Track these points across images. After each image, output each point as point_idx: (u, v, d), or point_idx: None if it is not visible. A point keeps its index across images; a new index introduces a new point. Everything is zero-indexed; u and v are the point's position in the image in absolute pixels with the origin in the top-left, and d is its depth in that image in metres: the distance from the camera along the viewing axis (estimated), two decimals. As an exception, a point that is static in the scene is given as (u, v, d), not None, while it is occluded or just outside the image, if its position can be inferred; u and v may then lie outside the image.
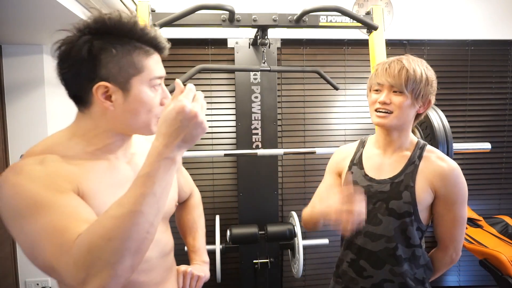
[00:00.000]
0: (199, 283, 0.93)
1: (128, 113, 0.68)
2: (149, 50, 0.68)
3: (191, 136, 0.59)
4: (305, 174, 2.37)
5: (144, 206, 0.55)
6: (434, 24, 2.33)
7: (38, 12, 1.41)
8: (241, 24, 1.61)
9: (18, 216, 0.58)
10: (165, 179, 0.57)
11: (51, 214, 0.57)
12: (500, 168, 2.50)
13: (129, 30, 0.65)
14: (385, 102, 0.97)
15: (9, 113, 1.94)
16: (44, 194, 0.58)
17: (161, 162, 0.57)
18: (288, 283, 2.37)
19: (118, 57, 0.65)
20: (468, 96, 2.45)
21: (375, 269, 1.03)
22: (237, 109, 2.16)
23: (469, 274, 2.50)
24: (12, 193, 0.58)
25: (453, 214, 1.00)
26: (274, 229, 1.90)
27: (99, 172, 0.69)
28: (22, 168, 0.61)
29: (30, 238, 0.57)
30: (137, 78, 0.67)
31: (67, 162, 0.65)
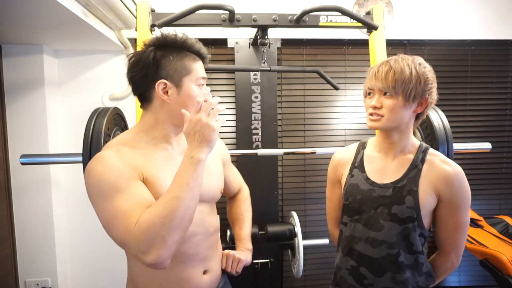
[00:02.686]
0: (240, 265, 1.09)
1: (180, 104, 0.87)
2: (195, 57, 0.91)
3: (203, 136, 0.78)
4: (305, 174, 2.37)
5: (182, 192, 0.75)
6: (434, 24, 2.32)
7: (38, 12, 1.41)
8: (241, 24, 1.61)
9: (99, 197, 0.78)
10: (194, 173, 0.77)
11: (123, 198, 0.76)
12: (501, 168, 2.50)
13: (182, 43, 0.89)
14: (376, 106, 0.97)
15: (9, 113, 1.94)
16: (119, 181, 0.78)
17: (188, 160, 0.78)
18: (288, 283, 2.37)
19: (174, 62, 0.87)
20: (468, 96, 2.45)
21: (376, 277, 1.00)
22: (237, 109, 2.16)
23: (469, 274, 2.50)
24: (97, 179, 0.78)
25: (456, 219, 0.98)
26: (274, 229, 1.90)
27: (159, 161, 0.88)
28: (103, 159, 0.81)
29: (107, 215, 0.77)
30: (187, 78, 0.88)
31: (135, 153, 0.85)
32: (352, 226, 1.06)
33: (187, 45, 0.90)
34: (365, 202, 1.03)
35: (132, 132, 0.92)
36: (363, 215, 1.03)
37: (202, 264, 0.96)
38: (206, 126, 0.78)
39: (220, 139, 1.13)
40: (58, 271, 2.02)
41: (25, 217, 1.99)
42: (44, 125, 1.97)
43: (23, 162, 1.49)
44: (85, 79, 2.13)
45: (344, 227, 1.09)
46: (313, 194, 2.38)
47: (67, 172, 2.12)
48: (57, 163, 1.72)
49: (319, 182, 2.37)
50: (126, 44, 2.07)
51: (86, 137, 1.33)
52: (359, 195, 1.04)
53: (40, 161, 1.56)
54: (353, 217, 1.06)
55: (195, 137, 0.78)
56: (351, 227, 1.06)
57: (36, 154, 1.58)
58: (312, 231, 2.39)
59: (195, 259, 0.94)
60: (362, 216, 1.03)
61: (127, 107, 2.06)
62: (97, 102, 2.13)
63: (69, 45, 2.01)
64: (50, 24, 1.59)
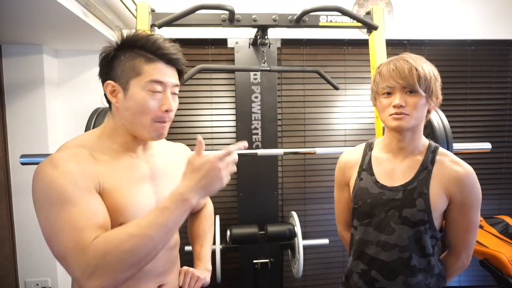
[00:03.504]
0: (198, 283, 0.97)
1: (127, 110, 0.79)
2: (151, 58, 0.78)
3: (209, 186, 0.71)
4: (305, 174, 2.37)
5: (156, 232, 0.67)
6: (434, 24, 2.32)
7: (38, 12, 1.41)
8: (241, 24, 1.61)
9: (46, 204, 0.69)
10: (178, 216, 0.69)
11: (74, 211, 0.68)
12: (501, 168, 2.50)
13: (139, 40, 0.78)
14: (401, 105, 0.92)
15: (9, 113, 1.94)
16: (72, 191, 0.69)
17: (179, 201, 0.69)
18: (288, 283, 2.37)
19: (123, 62, 0.78)
20: (468, 96, 2.45)
21: (388, 280, 0.98)
22: (237, 109, 2.16)
23: (469, 274, 2.50)
24: (47, 184, 0.69)
25: (467, 219, 0.96)
26: (274, 229, 1.90)
27: (120, 169, 0.80)
28: (58, 162, 0.72)
29: (52, 226, 0.68)
30: (135, 80, 0.77)
31: (94, 159, 0.77)
32: (362, 230, 1.04)
33: (144, 45, 0.78)
34: (375, 205, 1.01)
35: (95, 134, 0.83)
36: (374, 219, 1.01)
37: (157, 279, 0.87)
38: (220, 180, 0.71)
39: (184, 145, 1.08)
40: (58, 271, 2.02)
41: (25, 217, 1.99)
42: (44, 125, 1.97)
43: (23, 162, 1.49)
44: (85, 79, 2.13)
45: (355, 231, 1.08)
46: (313, 194, 2.38)
47: (67, 172, 2.12)
48: (57, 163, 1.72)
49: (319, 182, 2.37)
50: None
51: (86, 137, 1.33)
52: (369, 199, 1.02)
53: (40, 161, 1.55)
54: (363, 220, 1.04)
55: (200, 179, 0.70)
56: (362, 231, 1.04)
57: (36, 154, 1.58)
58: (312, 231, 2.39)
59: (151, 274, 0.85)
60: (373, 219, 1.01)
61: (127, 107, 2.06)
62: (97, 102, 2.13)
63: (69, 45, 2.01)
64: (50, 24, 1.60)
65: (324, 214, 2.39)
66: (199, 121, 2.27)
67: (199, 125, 2.27)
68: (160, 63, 0.79)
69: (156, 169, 0.88)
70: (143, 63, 0.77)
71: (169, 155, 0.96)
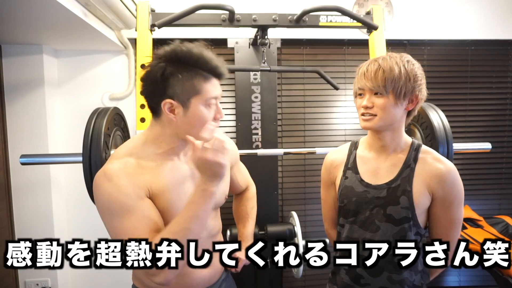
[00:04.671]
0: (240, 263, 1.06)
1: (187, 124, 0.87)
2: (208, 76, 0.85)
3: (212, 171, 0.80)
4: (305, 174, 2.37)
5: (191, 224, 0.79)
6: (434, 24, 2.32)
7: (38, 12, 1.41)
8: (241, 24, 1.61)
9: (109, 215, 0.82)
10: (204, 205, 0.80)
11: (132, 219, 0.80)
12: (501, 168, 2.50)
13: (195, 60, 0.83)
14: (367, 106, 0.96)
15: (9, 113, 1.94)
16: (127, 202, 0.81)
17: (200, 193, 0.81)
18: (288, 283, 2.37)
19: (182, 81, 0.83)
20: (468, 96, 2.45)
21: (373, 277, 1.00)
22: (237, 109, 2.16)
23: (469, 274, 2.50)
24: (106, 198, 0.81)
25: (449, 216, 0.99)
26: (274, 229, 1.90)
27: (165, 174, 0.89)
28: (112, 175, 0.83)
29: (116, 232, 0.81)
30: (196, 98, 0.85)
31: (142, 168, 0.87)
32: (348, 228, 1.06)
33: (201, 63, 0.84)
34: (360, 203, 1.03)
35: (140, 140, 0.92)
36: (359, 217, 1.03)
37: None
38: (215, 164, 0.79)
39: (230, 139, 1.13)
40: (58, 271, 2.02)
41: (25, 217, 1.99)
42: (44, 125, 1.97)
43: (23, 162, 1.49)
44: (85, 79, 2.13)
45: (342, 229, 1.10)
46: (313, 194, 2.37)
47: (67, 172, 2.12)
48: (57, 163, 1.73)
49: (319, 182, 2.35)
50: (126, 44, 2.07)
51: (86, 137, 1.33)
52: (354, 197, 1.04)
53: (40, 161, 1.56)
54: (349, 218, 1.06)
55: (206, 172, 0.80)
56: (348, 229, 1.06)
57: (36, 154, 1.58)
58: (312, 231, 2.39)
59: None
60: (358, 217, 1.04)
61: (127, 107, 2.06)
62: (97, 102, 2.13)
63: (69, 45, 2.01)
64: (50, 24, 1.59)
65: (324, 214, 2.39)
66: (199, 121, 2.27)
67: (199, 125, 2.27)
68: (214, 79, 0.87)
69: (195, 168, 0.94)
70: (202, 82, 0.84)
71: None
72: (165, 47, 0.85)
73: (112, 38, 1.92)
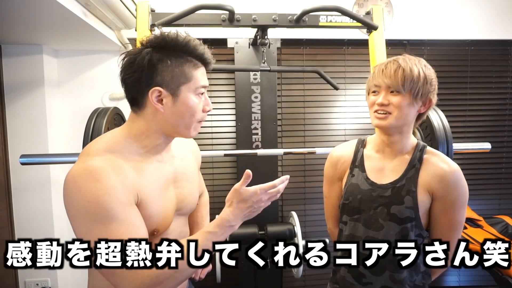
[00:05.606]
0: (204, 271, 1.06)
1: (175, 115, 0.79)
2: (197, 63, 0.81)
3: (252, 214, 0.80)
4: (305, 174, 2.37)
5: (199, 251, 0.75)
6: (434, 24, 2.32)
7: (38, 12, 1.41)
8: (241, 24, 1.61)
9: (90, 220, 0.70)
10: (222, 239, 0.78)
11: (119, 228, 0.71)
12: (500, 168, 2.50)
13: (183, 46, 0.78)
14: (383, 104, 0.96)
15: (9, 113, 1.94)
16: (116, 208, 0.71)
17: (226, 227, 0.78)
18: (288, 283, 2.37)
19: (172, 67, 0.77)
20: (468, 96, 2.45)
21: (375, 276, 1.01)
22: (237, 109, 2.16)
23: (469, 274, 2.50)
24: (93, 200, 0.69)
25: (449, 217, 0.98)
26: (274, 229, 1.90)
27: (152, 178, 0.81)
28: (100, 175, 0.71)
29: (94, 239, 0.70)
30: (186, 86, 0.79)
31: (129, 168, 0.77)
32: (352, 225, 1.06)
33: (189, 48, 0.79)
34: (364, 201, 1.03)
35: (121, 136, 0.81)
36: (363, 215, 1.04)
37: None
38: (259, 209, 0.79)
39: (195, 142, 1.08)
40: (58, 271, 2.02)
41: (25, 217, 1.99)
42: (44, 125, 1.97)
43: (23, 162, 1.49)
44: (85, 79, 2.13)
45: (344, 226, 1.10)
46: (313, 194, 2.37)
47: (67, 172, 2.11)
48: (57, 163, 1.72)
49: (319, 182, 2.36)
50: (126, 44, 2.07)
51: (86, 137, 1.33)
52: (359, 195, 1.04)
53: (40, 161, 1.56)
54: (353, 216, 1.06)
55: (246, 209, 0.79)
56: (351, 226, 1.07)
57: (36, 154, 1.58)
58: (312, 231, 2.39)
59: None
60: (362, 215, 1.04)
61: (127, 107, 2.04)
62: (97, 102, 2.13)
63: (69, 45, 2.01)
64: (50, 24, 1.59)
65: (324, 214, 2.38)
66: (199, 121, 2.27)
67: (199, 125, 2.27)
68: (203, 68, 0.83)
69: (177, 171, 0.91)
70: (191, 69, 0.79)
71: (184, 154, 0.98)
72: (149, 35, 0.81)
73: (112, 38, 1.92)
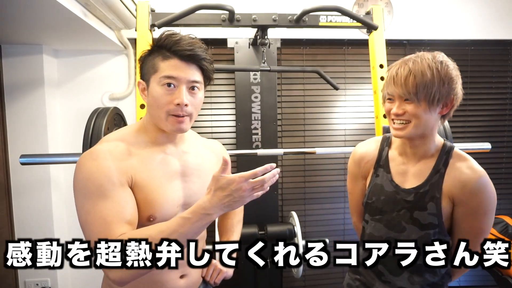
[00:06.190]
0: (220, 276, 1.04)
1: (149, 106, 0.86)
2: (167, 55, 0.83)
3: (232, 205, 0.74)
4: (305, 174, 2.37)
5: (175, 239, 0.73)
6: (434, 24, 2.32)
7: (38, 12, 1.41)
8: (241, 24, 1.61)
9: (83, 195, 0.77)
10: (198, 227, 0.75)
11: (106, 206, 0.75)
12: (500, 168, 2.50)
13: (162, 41, 0.84)
14: (398, 113, 0.92)
15: (9, 113, 1.94)
16: (106, 185, 0.76)
17: (201, 214, 0.74)
18: (288, 283, 2.37)
19: (147, 61, 0.86)
20: (468, 96, 2.45)
21: (393, 276, 1.00)
22: (237, 109, 2.16)
23: (469, 274, 2.50)
24: (86, 176, 0.77)
25: (470, 224, 0.95)
26: (274, 229, 1.90)
27: (153, 165, 0.86)
28: (97, 155, 0.79)
29: (86, 216, 0.77)
30: (153, 77, 0.84)
31: (129, 154, 0.83)
32: (373, 225, 1.05)
33: (165, 43, 0.83)
34: (388, 203, 1.01)
35: (134, 128, 0.91)
36: (385, 216, 1.02)
37: (180, 269, 0.91)
38: (241, 199, 0.74)
39: (219, 142, 1.10)
40: (58, 271, 2.02)
41: (25, 217, 1.99)
42: (44, 125, 1.97)
43: (23, 162, 1.49)
44: (85, 79, 2.13)
45: (366, 225, 1.09)
46: (313, 194, 2.37)
47: (66, 172, 2.12)
48: (56, 163, 1.73)
49: (319, 182, 2.37)
50: (126, 44, 2.07)
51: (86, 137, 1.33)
52: (382, 196, 1.03)
53: (39, 161, 1.56)
54: (374, 216, 1.05)
55: (224, 197, 0.73)
56: (372, 226, 1.06)
57: (36, 154, 1.58)
58: (312, 231, 2.39)
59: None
60: (384, 216, 1.02)
61: (127, 107, 2.06)
62: (97, 102, 2.13)
63: (69, 45, 2.01)
64: (50, 24, 1.59)
65: (324, 214, 2.39)
66: (199, 121, 2.27)
67: (199, 125, 2.27)
68: (175, 60, 0.83)
69: (187, 166, 0.93)
70: (159, 60, 0.83)
71: (203, 152, 1.00)
72: None
73: (112, 38, 1.92)
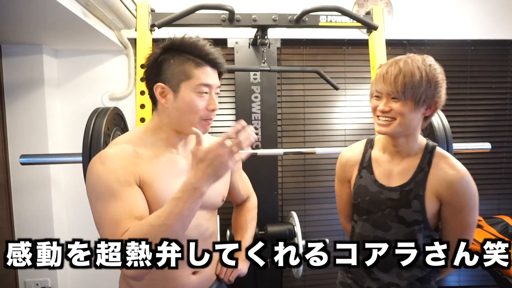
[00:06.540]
0: (234, 273, 1.05)
1: (177, 110, 0.87)
2: (200, 63, 0.86)
3: (216, 172, 0.74)
4: (305, 174, 2.37)
5: (173, 221, 0.74)
6: (434, 24, 2.32)
7: (38, 12, 1.41)
8: (241, 24, 1.61)
9: (94, 197, 0.81)
10: (191, 204, 0.75)
11: (115, 204, 0.78)
12: (500, 168, 2.50)
13: (186, 46, 0.86)
14: (385, 111, 0.95)
15: (9, 113, 1.94)
16: (115, 187, 0.79)
17: (190, 190, 0.74)
18: (288, 283, 2.37)
19: (174, 66, 0.86)
20: (468, 96, 2.45)
21: (383, 272, 1.03)
22: (237, 109, 2.16)
23: (469, 274, 2.50)
24: (95, 179, 0.81)
25: (459, 221, 0.98)
26: (274, 229, 1.90)
27: (160, 164, 0.88)
28: (105, 158, 0.82)
29: (98, 216, 0.80)
30: (185, 83, 0.85)
31: (137, 154, 0.86)
32: (361, 225, 1.09)
33: (193, 49, 0.86)
34: (373, 203, 1.04)
35: (141, 130, 0.93)
36: (371, 216, 1.05)
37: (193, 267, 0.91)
38: (224, 164, 0.73)
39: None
40: (58, 271, 2.02)
41: (25, 217, 1.99)
42: (44, 125, 1.97)
43: (23, 162, 1.49)
44: (85, 79, 2.13)
45: (355, 224, 1.12)
46: (313, 194, 2.37)
47: (67, 172, 2.12)
48: (56, 163, 1.73)
49: (319, 182, 2.37)
50: (126, 44, 2.07)
51: (86, 137, 1.33)
52: (367, 197, 1.05)
53: (39, 161, 1.56)
54: (362, 216, 1.08)
55: (206, 168, 0.73)
56: (360, 226, 1.09)
57: (36, 154, 1.58)
58: (312, 231, 2.38)
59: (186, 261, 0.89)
60: (370, 216, 1.05)
61: (127, 107, 2.06)
62: (97, 102, 2.13)
63: (69, 45, 2.01)
64: (50, 24, 1.59)
65: (324, 214, 2.39)
66: (199, 121, 2.27)
67: (199, 125, 2.27)
68: (207, 67, 0.87)
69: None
70: (192, 68, 0.85)
71: None
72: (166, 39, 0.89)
73: (112, 38, 1.92)
